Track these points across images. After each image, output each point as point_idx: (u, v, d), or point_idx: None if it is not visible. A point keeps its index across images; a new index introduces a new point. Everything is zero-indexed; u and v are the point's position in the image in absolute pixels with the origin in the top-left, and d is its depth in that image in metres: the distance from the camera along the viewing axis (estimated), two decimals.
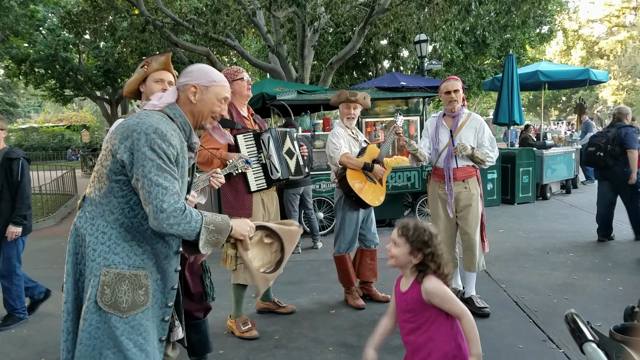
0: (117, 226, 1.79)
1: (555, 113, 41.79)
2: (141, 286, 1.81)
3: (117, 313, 1.75)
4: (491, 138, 3.85)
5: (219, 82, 1.92)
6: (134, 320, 1.79)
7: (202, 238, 1.79)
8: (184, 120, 1.88)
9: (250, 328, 3.47)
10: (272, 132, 3.38)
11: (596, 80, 11.00)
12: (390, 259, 1.99)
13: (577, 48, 38.69)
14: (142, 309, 1.82)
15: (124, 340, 1.76)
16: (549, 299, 3.96)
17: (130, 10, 12.52)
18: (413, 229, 1.92)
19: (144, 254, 1.84)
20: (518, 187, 8.74)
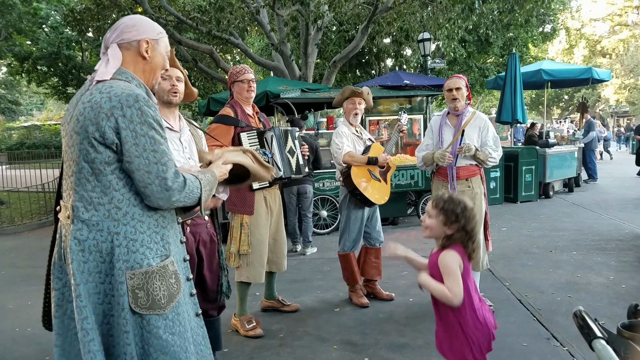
0: (129, 220, 1.62)
1: (558, 112, 41.73)
2: (170, 275, 1.68)
3: (157, 311, 1.63)
4: (495, 137, 3.84)
5: (164, 33, 1.78)
6: (173, 312, 1.68)
7: (202, 200, 1.73)
8: (138, 82, 1.69)
9: (255, 326, 3.48)
10: (275, 131, 3.37)
11: (599, 79, 10.98)
12: (425, 230, 2.08)
13: (579, 47, 38.58)
14: (179, 296, 1.71)
15: (168, 337, 1.65)
16: (553, 297, 3.97)
17: (134, 8, 12.52)
18: (447, 201, 2.00)
19: (162, 239, 1.69)
20: (521, 185, 8.75)
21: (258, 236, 3.40)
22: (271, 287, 3.91)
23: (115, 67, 1.65)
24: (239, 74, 3.41)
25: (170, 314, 1.67)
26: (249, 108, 3.50)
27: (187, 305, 1.77)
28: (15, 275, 5.42)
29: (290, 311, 3.88)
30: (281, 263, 3.67)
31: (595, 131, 11.57)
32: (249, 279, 3.42)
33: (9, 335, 3.72)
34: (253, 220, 3.38)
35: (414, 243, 6.15)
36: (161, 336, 1.63)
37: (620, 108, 38.78)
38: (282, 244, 3.64)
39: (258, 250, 3.41)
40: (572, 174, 9.94)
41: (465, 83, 3.83)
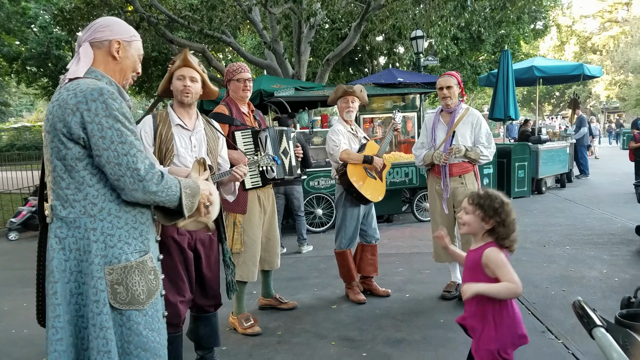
0: (105, 216, 1.62)
1: (549, 108, 41.97)
2: (149, 271, 1.69)
3: (136, 307, 1.64)
4: (488, 134, 3.87)
5: (137, 36, 1.80)
6: (152, 308, 1.69)
7: (184, 203, 1.67)
8: (108, 80, 1.70)
9: (253, 324, 3.49)
10: (270, 131, 3.36)
11: (590, 75, 11.07)
12: (463, 226, 2.09)
13: (570, 43, 38.82)
14: (157, 293, 1.72)
15: (148, 333, 1.66)
16: (547, 291, 4.01)
17: (124, 7, 12.45)
18: (485, 197, 2.02)
19: (141, 235, 1.70)
20: (514, 181, 8.81)
21: (251, 235, 3.40)
22: (268, 285, 3.91)
23: (87, 65, 1.67)
24: (235, 72, 3.39)
25: (150, 310, 1.68)
26: (245, 106, 3.49)
27: (159, 305, 1.78)
28: (9, 277, 5.39)
29: (287, 309, 3.89)
30: (273, 261, 3.68)
31: (586, 127, 11.67)
32: (242, 277, 3.40)
33: (5, 337, 3.70)
34: (246, 219, 3.37)
35: (408, 240, 6.18)
36: (141, 332, 1.64)
37: (610, 104, 39.11)
38: (275, 242, 3.65)
39: (251, 249, 3.41)
40: (564, 169, 10.03)
41: (458, 80, 3.85)
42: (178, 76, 2.57)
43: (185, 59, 2.54)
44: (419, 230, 6.67)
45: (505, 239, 1.99)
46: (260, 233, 3.47)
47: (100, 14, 13.62)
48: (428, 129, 3.98)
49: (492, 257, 1.98)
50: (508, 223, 1.99)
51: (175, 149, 2.53)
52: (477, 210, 2.01)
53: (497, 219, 1.98)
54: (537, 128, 10.79)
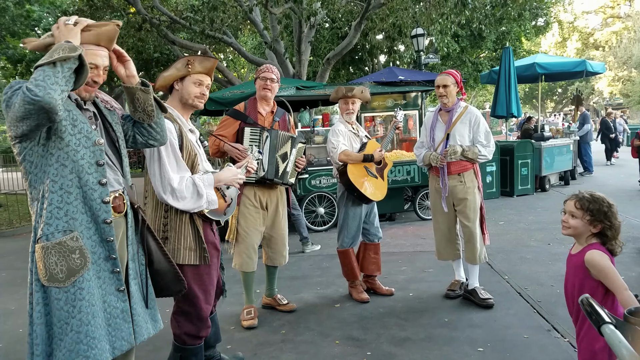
0: (39, 197, 1.81)
1: (552, 105, 41.88)
2: (73, 250, 1.79)
3: (56, 284, 1.76)
4: (487, 132, 3.83)
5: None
6: (75, 286, 1.79)
7: (57, 62, 1.63)
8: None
9: (252, 317, 3.59)
10: (271, 132, 3.46)
11: (593, 72, 11.02)
12: (567, 229, 2.08)
13: (572, 40, 38.72)
14: (83, 272, 1.81)
15: (69, 309, 1.77)
16: (552, 290, 3.99)
17: (127, 9, 12.48)
18: (592, 201, 2.00)
19: (66, 215, 1.80)
20: (517, 179, 8.79)
21: (245, 228, 3.52)
22: (270, 284, 3.92)
23: None
24: (260, 71, 3.56)
25: (72, 288, 1.78)
26: (266, 106, 3.59)
27: (104, 280, 1.89)
28: (15, 277, 5.40)
29: (285, 311, 3.84)
30: (276, 258, 3.73)
31: (590, 124, 11.62)
32: (237, 266, 3.58)
33: (12, 336, 3.72)
34: (240, 211, 3.51)
35: (411, 238, 6.17)
36: (62, 307, 1.77)
37: (614, 100, 38.97)
38: (278, 240, 3.69)
39: (245, 241, 3.54)
40: (568, 166, 9.99)
41: (456, 79, 3.80)
42: (196, 81, 2.44)
43: (212, 68, 2.49)
44: (421, 228, 6.66)
45: (613, 240, 2.01)
46: (256, 228, 3.55)
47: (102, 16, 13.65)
48: (427, 129, 3.97)
49: (596, 260, 1.96)
50: (616, 226, 2.00)
51: (199, 155, 2.48)
52: (586, 214, 2.01)
53: (607, 223, 1.99)
54: (539, 125, 10.76)
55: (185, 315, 2.46)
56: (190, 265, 2.41)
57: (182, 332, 2.48)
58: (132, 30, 12.40)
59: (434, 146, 3.88)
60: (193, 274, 2.42)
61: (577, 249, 2.08)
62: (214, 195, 2.36)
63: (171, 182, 2.26)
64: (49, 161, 1.80)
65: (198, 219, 2.41)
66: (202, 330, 2.50)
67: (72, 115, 1.83)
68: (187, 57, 2.47)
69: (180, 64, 2.42)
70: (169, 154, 2.30)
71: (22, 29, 15.81)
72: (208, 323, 2.53)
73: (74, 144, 1.82)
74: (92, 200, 1.85)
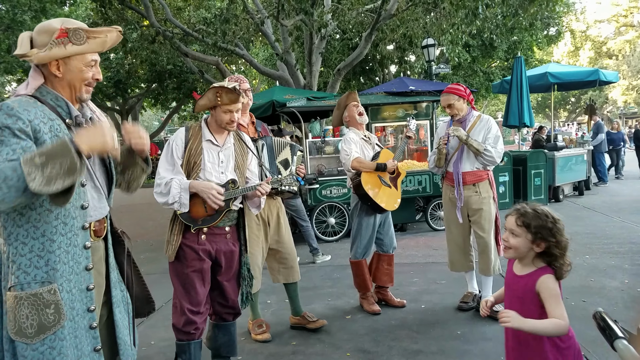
0: (12, 241, 1.60)
1: (565, 114, 41.52)
2: (48, 304, 1.58)
3: (23, 340, 1.56)
4: (496, 137, 3.77)
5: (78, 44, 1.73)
6: (45, 345, 1.58)
7: (30, 177, 1.43)
8: (53, 96, 1.72)
9: (264, 331, 3.54)
10: (267, 140, 3.43)
11: (606, 81, 10.93)
12: (508, 250, 1.88)
13: (585, 49, 38.45)
14: (55, 329, 1.60)
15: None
16: (567, 302, 3.87)
17: (140, 22, 12.70)
18: (534, 217, 1.79)
19: (47, 264, 1.60)
20: (530, 189, 8.69)
21: (250, 247, 3.32)
22: (294, 302, 3.71)
23: (34, 87, 1.70)
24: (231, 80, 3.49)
25: (42, 346, 1.57)
26: (245, 117, 3.47)
27: (80, 340, 1.68)
28: None
29: (315, 328, 3.63)
30: (289, 274, 3.59)
31: (604, 133, 11.49)
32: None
33: None
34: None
35: (423, 249, 6.13)
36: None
37: (628, 109, 38.53)
38: (286, 254, 3.55)
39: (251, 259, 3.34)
40: (581, 177, 9.87)
41: (458, 93, 3.78)
42: (226, 110, 2.63)
43: (237, 100, 2.61)
44: (433, 239, 6.61)
45: (561, 259, 1.81)
46: (259, 246, 3.40)
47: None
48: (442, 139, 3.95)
49: (549, 287, 1.79)
50: (563, 244, 1.80)
51: (202, 164, 2.63)
52: (528, 233, 1.80)
53: (552, 240, 1.78)
54: (552, 135, 10.67)
55: (174, 307, 2.71)
56: (171, 261, 2.66)
57: (172, 323, 2.71)
58: (145, 43, 12.62)
59: (449, 154, 3.85)
60: (172, 267, 2.68)
61: (524, 270, 1.88)
62: (186, 200, 2.55)
63: (156, 177, 2.62)
64: (31, 204, 1.59)
65: (179, 220, 2.62)
66: (184, 325, 2.63)
67: None
68: (216, 88, 2.61)
69: (211, 94, 2.62)
70: (166, 155, 2.66)
71: None
72: (190, 319, 2.63)
73: None
74: (75, 246, 1.69)
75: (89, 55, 1.74)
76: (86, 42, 1.71)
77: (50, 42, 1.66)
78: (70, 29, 1.68)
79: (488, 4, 9.59)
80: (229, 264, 2.72)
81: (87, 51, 1.72)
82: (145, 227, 9.09)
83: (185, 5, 13.85)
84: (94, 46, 1.74)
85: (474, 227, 3.83)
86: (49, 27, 1.69)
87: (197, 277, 2.63)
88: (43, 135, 1.59)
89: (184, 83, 18.50)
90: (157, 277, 5.45)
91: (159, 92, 20.75)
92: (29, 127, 1.56)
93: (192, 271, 2.62)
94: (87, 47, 1.72)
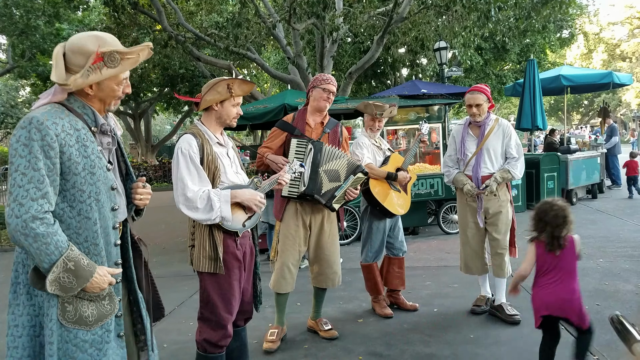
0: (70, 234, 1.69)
1: (578, 117, 41.08)
2: (104, 297, 1.74)
3: (83, 327, 1.69)
4: (517, 145, 3.78)
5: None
6: (102, 329, 1.75)
7: (54, 271, 1.58)
8: (81, 104, 1.75)
9: (273, 340, 3.43)
10: (315, 145, 3.27)
11: (620, 84, 10.81)
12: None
13: (598, 51, 38.04)
14: (112, 315, 1.77)
15: (93, 352, 1.71)
16: None
17: (153, 26, 12.83)
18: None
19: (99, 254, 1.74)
20: (543, 192, 8.62)
21: (282, 245, 3.40)
22: (316, 305, 3.72)
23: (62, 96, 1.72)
24: (323, 81, 3.39)
25: (100, 330, 1.73)
26: (317, 117, 3.45)
27: (112, 325, 1.82)
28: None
29: (326, 338, 3.59)
30: (322, 280, 3.53)
31: (617, 136, 11.37)
32: (272, 286, 3.44)
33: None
34: (282, 229, 3.41)
35: (435, 253, 6.10)
36: (87, 350, 1.70)
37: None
38: (323, 260, 3.48)
39: (281, 259, 3.40)
40: (595, 180, 9.77)
41: (487, 95, 3.76)
42: (234, 104, 2.56)
43: (248, 92, 2.59)
44: (445, 242, 6.58)
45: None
46: (294, 248, 3.38)
47: (130, 33, 14.07)
48: (457, 142, 3.91)
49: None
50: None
51: (222, 167, 2.53)
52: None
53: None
54: (565, 138, 10.57)
55: (205, 321, 2.53)
56: (208, 274, 2.49)
57: (202, 339, 2.54)
58: (158, 47, 12.74)
59: (465, 160, 3.83)
60: (211, 281, 2.50)
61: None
62: (228, 212, 2.40)
63: (185, 192, 2.36)
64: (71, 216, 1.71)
65: (217, 230, 2.47)
66: (221, 338, 2.52)
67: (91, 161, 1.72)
68: (225, 80, 2.51)
69: (221, 87, 2.49)
70: (188, 165, 2.40)
71: (52, 46, 16.37)
72: (228, 332, 2.54)
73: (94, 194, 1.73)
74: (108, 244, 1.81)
75: (122, 74, 1.78)
76: (120, 64, 1.73)
77: (87, 68, 1.68)
78: (106, 54, 1.70)
79: (500, 7, 9.55)
80: (249, 265, 2.67)
81: (120, 72, 1.75)
82: (156, 231, 9.16)
83: (197, 10, 13.97)
84: (127, 66, 1.76)
85: (489, 230, 3.82)
86: (85, 49, 1.70)
87: (237, 285, 2.56)
88: (69, 149, 1.65)
89: (196, 87, 18.63)
90: (168, 280, 5.50)
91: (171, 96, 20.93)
92: (56, 142, 1.61)
93: (235, 280, 2.54)
94: (121, 68, 1.74)
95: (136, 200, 1.95)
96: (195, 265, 2.49)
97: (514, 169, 3.73)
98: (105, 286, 1.71)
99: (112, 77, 1.74)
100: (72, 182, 1.66)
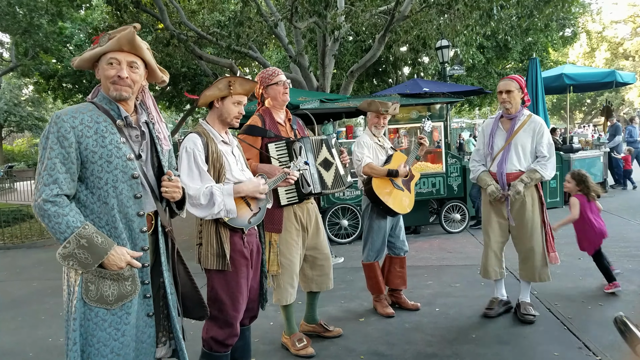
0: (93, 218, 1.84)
1: (580, 116, 40.98)
2: (126, 277, 1.84)
3: (104, 306, 1.80)
4: (550, 144, 3.59)
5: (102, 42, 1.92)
6: (122, 310, 1.84)
7: (66, 246, 1.75)
8: (107, 100, 1.90)
9: (306, 345, 3.31)
10: (304, 141, 3.08)
11: (623, 82, 10.78)
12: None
13: (601, 50, 37.91)
14: (131, 298, 1.86)
15: (112, 331, 1.81)
16: (583, 306, 3.88)
17: (155, 25, 12.82)
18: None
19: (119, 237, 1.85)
20: (545, 191, 8.59)
21: (288, 256, 3.17)
22: (312, 309, 3.58)
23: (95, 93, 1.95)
24: (273, 76, 3.17)
25: (120, 311, 1.84)
26: (282, 114, 3.25)
27: (140, 306, 1.93)
28: (46, 287, 5.54)
29: (333, 337, 3.55)
30: (323, 282, 3.41)
31: (621, 135, 11.32)
32: (279, 301, 3.25)
33: (41, 346, 3.79)
34: (282, 238, 3.16)
35: (437, 252, 6.09)
36: (106, 329, 1.81)
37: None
38: (322, 261, 3.37)
39: (288, 271, 3.18)
40: (598, 179, 9.73)
41: (520, 84, 3.59)
42: (235, 102, 2.54)
43: (250, 91, 2.58)
44: (447, 242, 6.57)
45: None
46: (298, 253, 3.23)
47: None
48: (486, 135, 3.77)
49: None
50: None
51: (227, 165, 2.52)
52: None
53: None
54: (568, 136, 10.54)
55: (213, 319, 2.51)
56: (216, 271, 2.49)
57: (209, 337, 2.54)
58: (160, 46, 12.73)
59: (492, 155, 3.70)
60: (219, 279, 2.50)
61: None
62: (232, 205, 2.41)
63: (187, 190, 2.34)
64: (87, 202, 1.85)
65: (224, 227, 2.46)
66: (228, 337, 2.52)
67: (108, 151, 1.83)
68: (228, 77, 2.51)
69: (222, 84, 2.51)
70: (190, 164, 2.43)
71: (55, 45, 16.40)
72: (235, 331, 2.53)
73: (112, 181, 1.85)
74: (131, 230, 1.90)
75: (108, 54, 1.88)
76: (107, 44, 1.87)
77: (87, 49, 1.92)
78: (100, 36, 1.89)
79: (503, 5, 9.51)
80: (256, 264, 2.66)
81: (105, 50, 1.87)
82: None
83: (199, 9, 13.95)
84: (113, 43, 1.86)
85: (512, 232, 3.71)
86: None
87: (245, 283, 2.54)
88: (86, 139, 1.80)
89: (198, 86, 18.64)
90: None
91: (173, 95, 20.91)
92: (71, 133, 1.78)
93: (242, 278, 2.51)
94: (108, 45, 1.86)
95: (163, 193, 2.00)
96: (203, 262, 2.50)
97: (544, 168, 3.54)
98: (122, 264, 1.81)
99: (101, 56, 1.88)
100: (90, 169, 1.82)
